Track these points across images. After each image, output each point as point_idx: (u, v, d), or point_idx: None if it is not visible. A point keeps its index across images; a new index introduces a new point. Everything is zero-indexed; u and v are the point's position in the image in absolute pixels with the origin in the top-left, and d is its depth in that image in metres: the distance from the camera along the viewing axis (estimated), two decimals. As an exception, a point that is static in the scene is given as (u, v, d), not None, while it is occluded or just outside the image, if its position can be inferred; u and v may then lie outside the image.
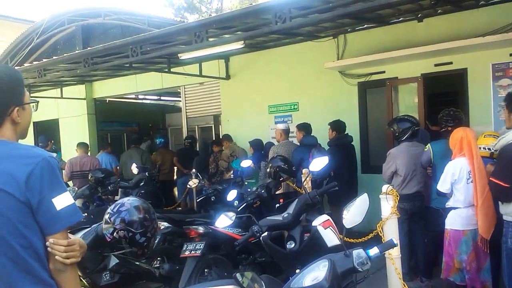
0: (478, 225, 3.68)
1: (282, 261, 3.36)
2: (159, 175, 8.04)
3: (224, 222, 3.52)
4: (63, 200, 1.59)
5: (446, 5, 5.92)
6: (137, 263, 3.13)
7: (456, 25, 6.16)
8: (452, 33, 6.08)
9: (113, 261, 3.04)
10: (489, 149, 3.82)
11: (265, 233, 3.33)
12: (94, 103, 11.37)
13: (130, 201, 2.74)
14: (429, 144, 4.51)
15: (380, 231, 3.62)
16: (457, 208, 3.84)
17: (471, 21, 6.04)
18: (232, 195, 4.90)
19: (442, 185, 3.90)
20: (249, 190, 5.21)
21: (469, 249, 3.75)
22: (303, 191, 3.58)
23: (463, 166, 3.77)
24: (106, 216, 2.64)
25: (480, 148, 3.89)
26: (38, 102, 1.87)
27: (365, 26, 6.95)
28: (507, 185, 3.18)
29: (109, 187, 6.52)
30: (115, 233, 2.59)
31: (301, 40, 7.63)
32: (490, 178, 3.35)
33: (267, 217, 3.51)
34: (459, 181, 3.81)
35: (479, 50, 6.01)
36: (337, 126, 6.03)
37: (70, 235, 1.66)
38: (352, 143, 6.18)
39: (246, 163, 5.93)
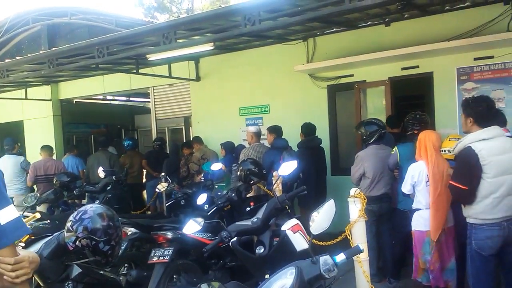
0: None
1: (251, 266, 3.36)
2: (127, 178, 7.89)
3: (192, 227, 3.48)
4: (7, 214, 1.50)
5: (412, 10, 6.03)
6: (101, 272, 3.03)
7: (423, 29, 6.29)
8: (419, 37, 6.20)
9: (76, 270, 2.93)
10: (452, 152, 3.91)
11: (234, 238, 3.31)
12: (60, 104, 11.07)
13: (93, 208, 2.65)
14: (396, 147, 4.59)
15: (348, 234, 3.66)
16: (419, 209, 3.94)
17: (437, 26, 6.17)
18: (202, 199, 4.84)
19: (404, 187, 4.04)
20: (219, 193, 5.17)
21: (432, 250, 3.83)
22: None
23: (423, 169, 3.88)
24: (68, 224, 2.55)
25: (445, 151, 3.99)
26: None
27: (334, 29, 7.02)
28: (465, 188, 3.27)
29: (74, 191, 6.35)
30: (77, 242, 2.49)
31: (271, 42, 7.65)
32: (450, 182, 3.44)
33: (237, 222, 3.51)
34: (418, 183, 3.92)
35: (445, 54, 6.16)
36: (306, 129, 6.09)
37: (20, 251, 1.58)
38: (321, 145, 6.23)
39: (217, 166, 5.88)
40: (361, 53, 6.54)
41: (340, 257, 2.20)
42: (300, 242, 3.10)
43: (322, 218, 2.55)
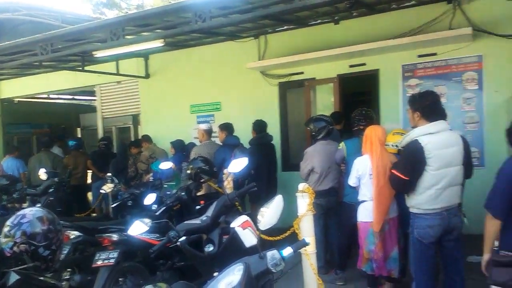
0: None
1: (200, 265, 3.32)
2: (71, 180, 7.59)
3: (139, 228, 3.38)
4: None
5: (361, 8, 6.18)
6: (42, 278, 2.87)
7: (370, 27, 6.47)
8: (366, 35, 6.36)
9: (14, 277, 2.74)
10: (396, 146, 4.04)
11: (183, 238, 3.26)
12: (0, 104, 10.54)
13: (32, 212, 2.51)
14: (343, 142, 4.68)
15: (296, 228, 3.69)
16: (364, 201, 4.04)
17: (384, 24, 6.36)
18: (150, 198, 4.72)
19: (350, 180, 4.16)
20: (168, 193, 5.05)
21: (376, 240, 3.94)
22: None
23: (367, 163, 3.98)
24: (5, 229, 2.41)
25: (388, 145, 4.10)
26: None
27: (285, 27, 7.08)
28: (407, 178, 3.38)
29: (14, 195, 6.03)
30: (15, 247, 2.36)
31: (223, 39, 7.62)
32: (392, 171, 3.53)
33: (185, 221, 3.46)
34: (363, 176, 4.03)
35: (391, 52, 6.35)
36: (257, 126, 6.10)
37: None
38: (272, 142, 6.26)
39: (166, 165, 5.76)
40: (311, 50, 6.64)
41: (287, 251, 2.22)
42: (249, 239, 3.08)
43: (270, 213, 2.56)
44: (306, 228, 3.67)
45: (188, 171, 5.07)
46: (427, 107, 3.46)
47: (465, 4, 5.84)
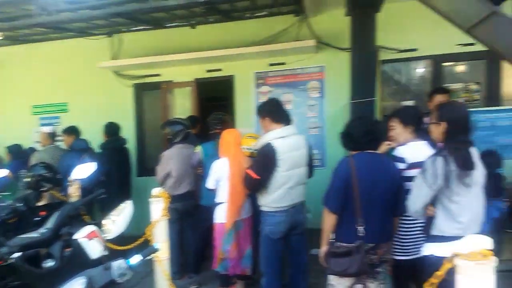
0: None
1: (39, 283, 2.98)
2: None
3: (-43, 247, 2.88)
4: None
5: (217, 15, 6.29)
6: None
7: (226, 34, 6.63)
8: (222, 41, 6.52)
9: None
10: (249, 149, 4.20)
11: (18, 254, 2.89)
12: None
13: None
14: (199, 145, 4.71)
15: (149, 235, 3.58)
16: (222, 203, 4.12)
17: (238, 32, 6.57)
18: (-22, 212, 4.07)
19: (209, 182, 4.21)
20: (2, 204, 4.43)
21: (231, 239, 4.05)
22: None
23: (224, 165, 4.09)
24: None
25: (242, 148, 4.25)
26: None
27: (141, 27, 6.85)
28: (258, 177, 3.59)
29: None
30: None
31: (72, 36, 7.06)
32: (246, 170, 3.72)
33: (21, 235, 3.09)
34: (220, 178, 4.12)
35: (244, 59, 6.60)
36: (109, 129, 5.82)
37: None
38: (125, 146, 5.99)
39: (0, 173, 5.07)
40: (167, 53, 6.56)
41: (135, 259, 2.15)
42: (96, 250, 2.88)
43: (119, 221, 2.46)
44: (160, 234, 3.58)
45: (27, 179, 4.53)
46: (272, 111, 3.74)
47: (310, 17, 6.34)
